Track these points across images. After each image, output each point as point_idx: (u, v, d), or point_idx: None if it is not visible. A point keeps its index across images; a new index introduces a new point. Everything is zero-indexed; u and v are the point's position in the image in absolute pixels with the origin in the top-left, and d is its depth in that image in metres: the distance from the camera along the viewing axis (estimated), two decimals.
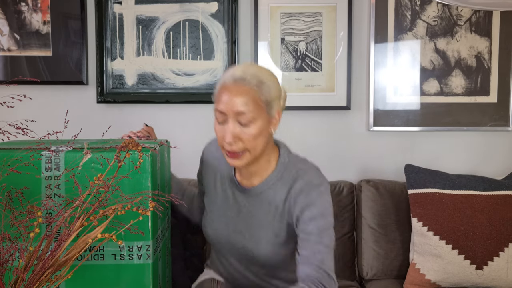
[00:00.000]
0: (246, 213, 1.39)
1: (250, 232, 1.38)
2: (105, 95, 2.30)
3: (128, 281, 1.22)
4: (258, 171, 1.38)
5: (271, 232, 1.35)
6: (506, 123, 2.31)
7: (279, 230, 1.34)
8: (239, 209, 1.40)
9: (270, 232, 1.35)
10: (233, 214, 1.41)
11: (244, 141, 1.31)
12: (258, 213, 1.37)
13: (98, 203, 1.08)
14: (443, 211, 1.98)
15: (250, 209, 1.39)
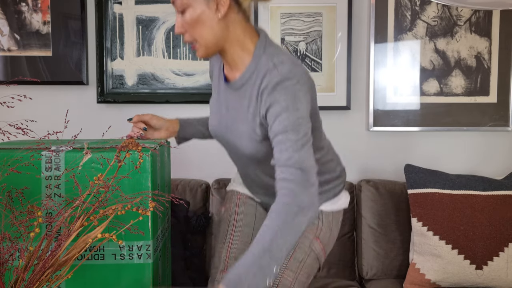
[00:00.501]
0: (231, 109, 1.38)
1: (234, 128, 1.37)
2: (105, 95, 2.30)
3: (128, 281, 1.23)
4: (234, 63, 1.34)
5: (250, 128, 1.32)
6: (506, 123, 2.32)
7: (254, 126, 1.32)
8: (227, 105, 1.39)
9: (249, 128, 1.32)
10: (224, 110, 1.41)
11: (187, 30, 1.32)
12: (240, 108, 1.35)
13: (98, 203, 1.08)
14: (443, 211, 1.98)
15: (234, 104, 1.37)
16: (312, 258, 1.45)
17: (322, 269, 2.13)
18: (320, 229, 1.48)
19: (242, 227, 1.54)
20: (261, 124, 1.31)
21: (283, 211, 1.18)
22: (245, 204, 1.57)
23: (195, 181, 2.23)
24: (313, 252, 1.45)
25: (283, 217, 1.17)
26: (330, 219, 1.51)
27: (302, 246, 1.44)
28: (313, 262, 1.46)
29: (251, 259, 1.13)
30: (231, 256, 1.51)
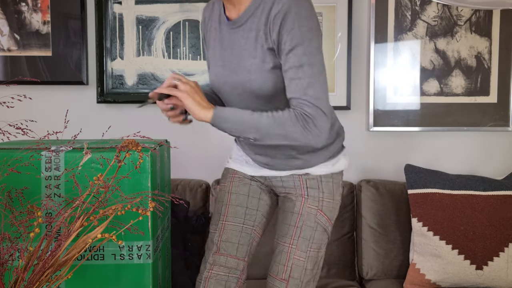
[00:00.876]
0: (237, 48, 1.40)
1: (242, 65, 1.38)
2: (105, 95, 2.30)
3: (128, 281, 1.23)
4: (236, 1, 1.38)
5: (258, 60, 1.35)
6: (506, 123, 2.32)
7: (264, 55, 1.34)
8: (232, 47, 1.41)
9: (257, 59, 1.35)
10: (228, 54, 1.42)
11: None
12: (246, 43, 1.37)
13: (98, 203, 1.08)
14: (443, 211, 1.98)
15: (239, 42, 1.39)
16: (320, 232, 1.48)
17: (322, 269, 2.13)
18: (322, 201, 1.49)
19: (235, 207, 1.55)
20: (270, 50, 1.33)
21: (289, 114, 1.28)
22: (239, 183, 1.57)
23: (195, 181, 2.23)
24: (320, 225, 1.47)
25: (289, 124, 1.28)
26: (331, 185, 1.51)
27: (308, 223, 1.46)
28: (321, 235, 1.48)
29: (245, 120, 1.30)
30: (223, 238, 1.53)
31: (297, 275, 1.46)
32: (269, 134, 1.31)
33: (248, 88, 1.38)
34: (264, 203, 1.57)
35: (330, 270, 2.14)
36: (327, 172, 1.50)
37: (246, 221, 1.55)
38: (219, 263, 1.52)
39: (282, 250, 1.48)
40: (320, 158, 1.49)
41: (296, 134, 1.29)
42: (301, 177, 1.49)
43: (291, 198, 1.51)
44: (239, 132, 1.32)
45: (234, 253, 1.53)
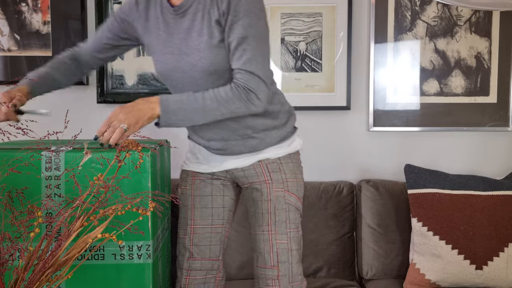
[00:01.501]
0: (184, 31, 1.42)
1: (191, 46, 1.41)
2: (105, 95, 2.30)
3: (128, 281, 1.23)
4: None
5: (206, 36, 1.38)
6: (506, 123, 2.32)
7: (211, 31, 1.38)
8: (179, 31, 1.43)
9: (205, 36, 1.38)
10: (175, 39, 1.44)
11: None
12: (193, 25, 1.40)
13: (98, 203, 1.08)
14: (443, 211, 1.99)
15: (186, 26, 1.42)
16: (293, 211, 1.53)
17: (321, 269, 2.13)
18: (286, 181, 1.52)
19: (200, 209, 1.57)
20: (217, 24, 1.37)
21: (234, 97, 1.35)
22: (200, 184, 1.58)
23: None
24: (291, 205, 1.52)
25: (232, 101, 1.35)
26: (291, 165, 1.55)
27: (279, 206, 1.50)
28: (295, 214, 1.54)
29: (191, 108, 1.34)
30: (194, 242, 1.55)
31: (285, 258, 1.49)
32: (216, 115, 1.36)
33: (199, 67, 1.40)
34: (229, 198, 1.60)
35: (330, 270, 2.14)
36: (284, 154, 1.53)
37: (214, 221, 1.57)
38: (195, 268, 1.55)
39: (263, 239, 1.51)
40: (275, 137, 1.52)
41: (240, 109, 1.36)
42: (262, 164, 1.51)
43: (256, 187, 1.52)
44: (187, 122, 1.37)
45: (207, 255, 1.56)
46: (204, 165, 1.58)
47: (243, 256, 2.10)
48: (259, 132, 1.49)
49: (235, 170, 1.54)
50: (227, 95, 1.35)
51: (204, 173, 1.58)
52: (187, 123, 1.38)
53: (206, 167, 1.57)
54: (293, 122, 1.59)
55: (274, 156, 1.52)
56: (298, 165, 1.59)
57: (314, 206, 2.15)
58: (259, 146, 1.51)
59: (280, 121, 1.53)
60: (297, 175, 1.57)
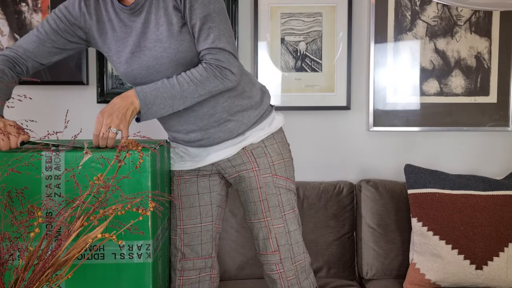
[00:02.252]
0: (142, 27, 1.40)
1: (152, 39, 1.39)
2: (105, 95, 2.30)
3: (128, 280, 1.23)
4: None
5: (165, 25, 1.37)
6: (506, 123, 2.32)
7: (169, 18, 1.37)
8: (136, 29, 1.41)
9: (164, 25, 1.37)
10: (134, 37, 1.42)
11: None
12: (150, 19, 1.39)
13: (98, 203, 1.08)
14: (443, 211, 1.99)
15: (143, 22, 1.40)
16: (284, 194, 1.52)
17: (322, 269, 2.13)
18: (272, 165, 1.52)
19: (188, 209, 1.57)
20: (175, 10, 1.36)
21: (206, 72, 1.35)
22: (186, 184, 1.58)
23: None
24: (282, 188, 1.52)
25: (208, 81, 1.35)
26: (276, 146, 1.53)
27: (269, 192, 1.50)
28: (288, 196, 1.53)
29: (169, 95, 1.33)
30: (185, 242, 1.55)
31: (284, 241, 1.50)
32: (194, 97, 1.35)
33: (165, 58, 1.38)
34: (216, 194, 1.59)
35: (330, 270, 2.14)
36: (267, 134, 1.52)
37: (203, 219, 1.57)
38: (188, 268, 1.56)
39: (259, 226, 1.51)
40: (252, 116, 1.51)
41: (217, 87, 1.37)
42: (246, 150, 1.50)
43: (244, 176, 1.51)
44: (167, 109, 1.35)
45: (199, 254, 1.56)
46: (188, 162, 1.56)
47: (243, 256, 2.10)
48: (235, 114, 1.48)
49: (221, 162, 1.53)
50: (201, 75, 1.34)
51: (190, 170, 1.57)
52: (167, 110, 1.36)
53: (190, 164, 1.56)
54: (268, 100, 1.58)
55: (257, 140, 1.51)
56: (283, 143, 1.57)
57: (314, 206, 2.15)
58: (238, 129, 1.49)
59: (254, 99, 1.52)
60: (284, 155, 1.55)
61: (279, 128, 1.56)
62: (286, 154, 1.56)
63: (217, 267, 1.62)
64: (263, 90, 1.57)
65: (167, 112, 1.37)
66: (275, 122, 1.55)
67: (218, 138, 1.49)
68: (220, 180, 1.60)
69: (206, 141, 1.50)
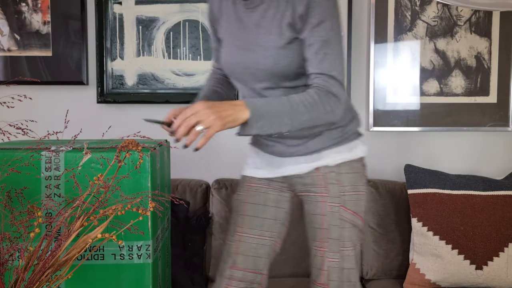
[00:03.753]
0: (253, 27, 1.38)
1: (257, 43, 1.36)
2: (105, 95, 2.30)
3: (128, 281, 1.23)
4: None
5: (275, 35, 1.33)
6: (506, 123, 2.32)
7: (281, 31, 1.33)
8: (248, 26, 1.39)
9: (274, 35, 1.33)
10: (244, 33, 1.40)
11: None
12: (263, 21, 1.36)
13: (98, 203, 1.08)
14: (443, 211, 1.99)
15: (256, 21, 1.37)
16: (349, 229, 1.41)
17: None
18: (343, 195, 1.41)
19: (251, 218, 1.49)
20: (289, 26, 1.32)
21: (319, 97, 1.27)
22: (255, 192, 1.51)
23: (195, 181, 2.23)
24: (346, 222, 1.40)
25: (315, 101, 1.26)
26: (351, 176, 1.43)
27: (333, 223, 1.40)
28: (351, 231, 1.41)
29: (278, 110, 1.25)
30: (239, 250, 1.47)
31: (335, 276, 1.40)
32: (301, 120, 1.27)
33: (261, 66, 1.35)
34: (283, 211, 1.51)
35: None
36: (344, 160, 1.42)
37: (264, 232, 1.49)
38: (237, 278, 1.47)
39: (315, 254, 1.43)
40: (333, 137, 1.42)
41: (326, 115, 1.28)
42: (319, 172, 1.41)
43: (311, 198, 1.43)
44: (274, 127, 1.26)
45: (251, 266, 1.48)
46: (262, 169, 1.51)
47: None
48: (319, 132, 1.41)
49: (293, 176, 1.46)
50: (313, 99, 1.27)
51: (262, 179, 1.51)
52: (274, 128, 1.26)
53: (264, 172, 1.50)
54: (355, 126, 1.47)
55: (332, 163, 1.41)
56: (360, 175, 1.45)
57: None
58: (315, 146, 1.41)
59: (341, 122, 1.42)
60: (358, 187, 1.43)
61: (359, 157, 1.45)
62: (360, 187, 1.44)
63: (265, 285, 1.53)
64: (353, 115, 1.48)
65: (274, 130, 1.27)
66: (356, 151, 1.45)
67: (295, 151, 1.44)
68: (291, 198, 1.52)
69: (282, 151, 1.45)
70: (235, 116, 1.22)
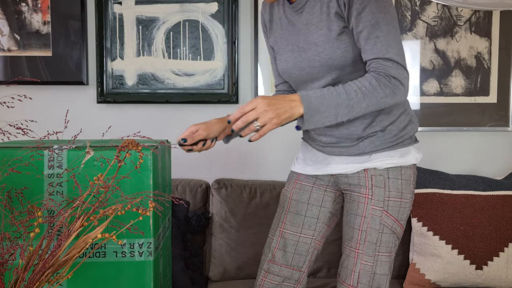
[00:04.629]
0: (303, 27, 1.38)
1: (309, 41, 1.36)
2: (105, 95, 2.30)
3: (129, 278, 1.23)
4: None
5: (325, 29, 1.33)
6: (506, 123, 2.32)
7: (330, 23, 1.32)
8: (298, 28, 1.40)
9: (324, 29, 1.33)
10: (295, 36, 1.40)
11: None
12: (312, 18, 1.36)
13: (98, 203, 1.08)
14: (443, 211, 1.98)
15: (304, 21, 1.38)
16: (387, 234, 1.39)
17: (322, 269, 2.13)
18: (387, 200, 1.38)
19: (293, 214, 1.50)
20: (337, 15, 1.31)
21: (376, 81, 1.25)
22: (300, 189, 1.51)
23: (195, 181, 2.23)
24: (386, 228, 1.38)
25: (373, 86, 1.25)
26: (399, 182, 1.39)
27: (372, 226, 1.38)
28: (388, 237, 1.39)
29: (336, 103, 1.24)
30: (279, 246, 1.50)
31: (365, 280, 1.39)
32: (361, 108, 1.25)
33: (317, 62, 1.35)
34: (327, 210, 1.51)
35: (330, 270, 2.14)
36: (394, 165, 1.38)
37: (305, 230, 1.49)
38: (273, 272, 1.50)
39: (348, 254, 1.41)
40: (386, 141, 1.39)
41: (386, 99, 1.26)
42: (367, 173, 1.39)
43: (354, 197, 1.42)
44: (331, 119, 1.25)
45: (288, 263, 1.50)
46: (310, 166, 1.50)
47: (243, 256, 2.10)
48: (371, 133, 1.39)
49: (340, 175, 1.45)
50: (371, 84, 1.25)
51: (308, 176, 1.51)
52: (330, 119, 1.25)
53: (311, 169, 1.49)
54: (412, 131, 1.43)
55: (382, 167, 1.38)
56: (408, 183, 1.41)
57: None
58: (365, 148, 1.39)
59: (398, 125, 1.40)
60: (404, 195, 1.39)
61: (410, 164, 1.41)
62: (406, 195, 1.40)
63: (304, 283, 1.53)
64: (411, 119, 1.44)
65: (331, 122, 1.26)
66: (409, 157, 1.41)
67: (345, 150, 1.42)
68: (336, 197, 1.51)
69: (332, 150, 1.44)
70: (291, 113, 1.22)
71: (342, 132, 1.40)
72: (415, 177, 1.44)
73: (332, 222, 1.54)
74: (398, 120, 1.40)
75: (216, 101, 2.30)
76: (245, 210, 2.15)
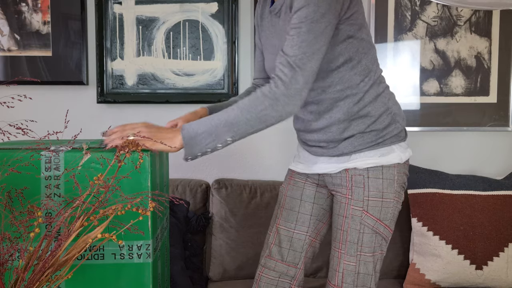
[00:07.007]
0: (279, 31, 1.40)
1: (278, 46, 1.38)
2: (105, 95, 2.30)
3: (128, 280, 1.23)
4: None
5: None
6: (506, 123, 2.32)
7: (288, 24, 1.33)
8: (277, 31, 1.41)
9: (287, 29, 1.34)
10: (275, 39, 1.43)
11: None
12: (283, 24, 1.37)
13: (98, 203, 1.08)
14: (443, 211, 1.99)
15: (281, 24, 1.39)
16: (369, 234, 1.38)
17: (322, 269, 2.13)
18: (366, 200, 1.37)
19: (287, 211, 1.53)
20: None
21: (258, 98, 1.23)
22: (293, 186, 1.54)
23: (195, 181, 2.23)
24: (367, 228, 1.37)
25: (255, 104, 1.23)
26: (380, 182, 1.37)
27: (353, 226, 1.38)
28: (371, 237, 1.38)
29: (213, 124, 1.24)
30: (275, 241, 1.53)
31: (349, 280, 1.39)
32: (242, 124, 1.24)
33: None
34: (319, 207, 1.52)
35: None
36: (375, 164, 1.37)
37: (298, 227, 1.51)
38: (269, 267, 1.53)
39: (333, 255, 1.44)
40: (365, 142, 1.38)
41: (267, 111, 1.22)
42: (348, 173, 1.39)
43: (338, 198, 1.43)
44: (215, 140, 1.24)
45: (284, 258, 1.52)
46: (301, 164, 1.52)
47: (243, 256, 2.10)
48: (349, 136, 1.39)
49: (325, 175, 1.46)
50: (249, 98, 1.24)
51: (301, 174, 1.53)
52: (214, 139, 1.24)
53: (302, 167, 1.51)
54: (396, 129, 1.42)
55: (362, 166, 1.37)
56: (391, 182, 1.38)
57: None
58: (344, 149, 1.39)
59: (378, 126, 1.39)
60: (385, 194, 1.38)
61: (393, 163, 1.38)
62: (388, 195, 1.39)
63: (300, 279, 1.54)
64: (395, 119, 1.44)
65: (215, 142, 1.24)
66: (391, 156, 1.38)
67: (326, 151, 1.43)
68: (329, 194, 1.52)
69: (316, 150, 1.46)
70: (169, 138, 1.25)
71: (321, 137, 1.42)
72: (402, 176, 1.42)
73: (326, 218, 1.55)
74: (378, 120, 1.39)
75: (216, 101, 2.30)
76: (245, 210, 2.15)
